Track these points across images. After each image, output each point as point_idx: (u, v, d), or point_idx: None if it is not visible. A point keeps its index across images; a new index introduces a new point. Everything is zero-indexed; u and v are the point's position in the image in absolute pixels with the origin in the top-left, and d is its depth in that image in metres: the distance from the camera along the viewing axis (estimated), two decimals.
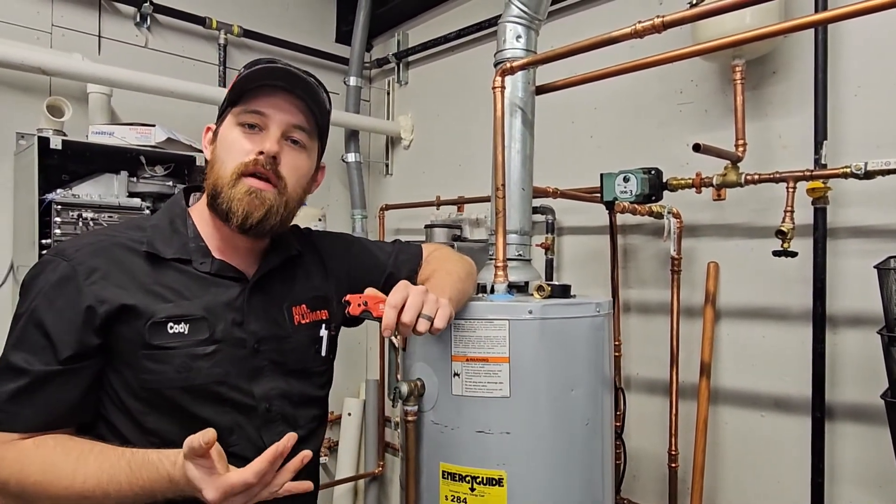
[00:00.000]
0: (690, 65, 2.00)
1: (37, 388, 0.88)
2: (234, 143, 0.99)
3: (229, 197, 0.97)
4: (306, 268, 1.15)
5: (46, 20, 2.41)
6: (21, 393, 0.87)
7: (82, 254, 0.94)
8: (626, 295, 2.20)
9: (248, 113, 0.99)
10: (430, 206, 2.81)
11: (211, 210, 1.01)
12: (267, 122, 1.00)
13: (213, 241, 1.03)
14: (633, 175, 1.65)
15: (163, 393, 0.94)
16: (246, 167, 0.98)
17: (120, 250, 0.96)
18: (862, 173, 1.48)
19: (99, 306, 0.90)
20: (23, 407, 0.87)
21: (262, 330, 1.02)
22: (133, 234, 1.00)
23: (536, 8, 1.53)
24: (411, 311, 0.94)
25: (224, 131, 1.02)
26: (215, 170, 1.00)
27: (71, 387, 0.91)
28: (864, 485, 1.68)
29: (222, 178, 0.98)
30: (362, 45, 3.08)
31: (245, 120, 1.00)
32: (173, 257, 0.98)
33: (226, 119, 1.03)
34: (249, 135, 0.99)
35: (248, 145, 0.99)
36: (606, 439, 1.35)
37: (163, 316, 0.93)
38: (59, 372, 0.89)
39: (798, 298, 1.79)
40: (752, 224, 1.90)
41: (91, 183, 2.19)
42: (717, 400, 1.97)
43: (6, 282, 2.29)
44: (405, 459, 1.30)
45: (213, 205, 1.00)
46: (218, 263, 1.01)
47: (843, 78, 1.72)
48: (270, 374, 1.03)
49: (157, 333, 0.93)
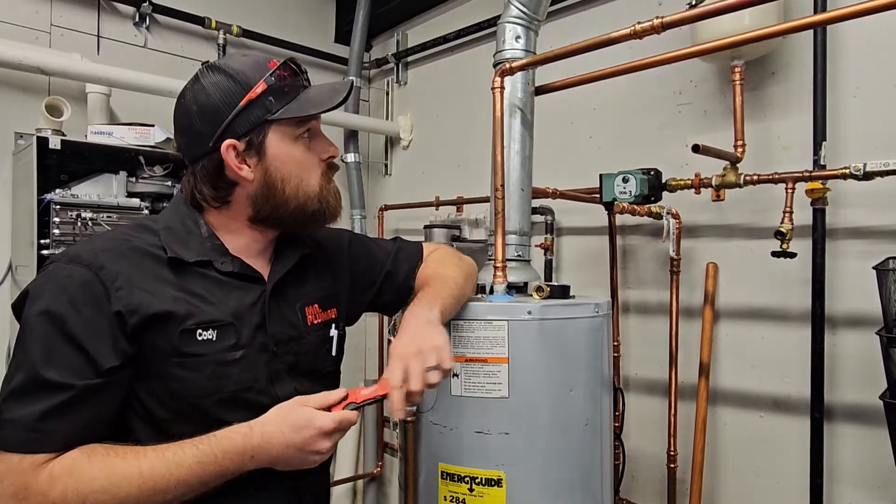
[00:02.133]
0: (689, 66, 2.00)
1: (75, 403, 0.83)
2: (308, 159, 1.01)
3: (326, 205, 1.02)
4: (316, 266, 1.14)
5: (45, 20, 2.40)
6: (56, 410, 0.82)
7: (102, 259, 0.88)
8: (626, 295, 2.20)
9: (307, 125, 0.99)
10: (430, 207, 2.81)
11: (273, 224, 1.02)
12: (315, 126, 1.02)
13: (229, 241, 1.01)
14: (633, 176, 1.65)
15: (193, 400, 0.92)
16: (327, 174, 1.04)
17: (139, 255, 0.92)
18: (861, 174, 1.48)
19: (129, 315, 0.86)
20: (58, 424, 0.82)
21: (280, 332, 1.01)
22: (146, 237, 0.95)
23: (536, 8, 1.53)
24: (417, 379, 0.92)
25: (283, 149, 0.97)
26: (290, 190, 0.98)
27: (109, 399, 0.87)
28: (863, 485, 1.68)
29: (311, 194, 1.00)
30: (361, 45, 3.08)
31: (304, 132, 1.00)
32: (195, 260, 0.95)
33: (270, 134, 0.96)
34: (310, 144, 1.01)
35: (315, 156, 1.02)
36: (605, 440, 1.35)
37: (192, 323, 0.91)
38: (101, 385, 0.85)
39: (797, 299, 1.79)
40: (751, 225, 1.90)
41: (90, 183, 2.18)
42: (716, 400, 1.97)
43: (5, 281, 2.29)
44: (404, 460, 1.30)
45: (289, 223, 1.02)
46: (238, 262, 0.99)
47: (842, 79, 1.72)
48: (287, 376, 1.02)
49: (188, 341, 0.90)
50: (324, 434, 0.89)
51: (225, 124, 0.93)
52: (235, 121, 0.94)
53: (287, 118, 0.95)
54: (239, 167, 0.95)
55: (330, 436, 0.90)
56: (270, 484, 0.96)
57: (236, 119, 0.93)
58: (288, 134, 0.97)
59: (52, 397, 0.82)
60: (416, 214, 2.97)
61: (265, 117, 0.94)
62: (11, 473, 0.80)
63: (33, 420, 0.81)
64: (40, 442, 0.81)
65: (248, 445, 0.87)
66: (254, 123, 0.94)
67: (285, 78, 0.96)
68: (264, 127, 0.95)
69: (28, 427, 0.81)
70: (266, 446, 0.87)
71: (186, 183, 1.01)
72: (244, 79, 0.94)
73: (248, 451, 0.87)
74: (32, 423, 0.81)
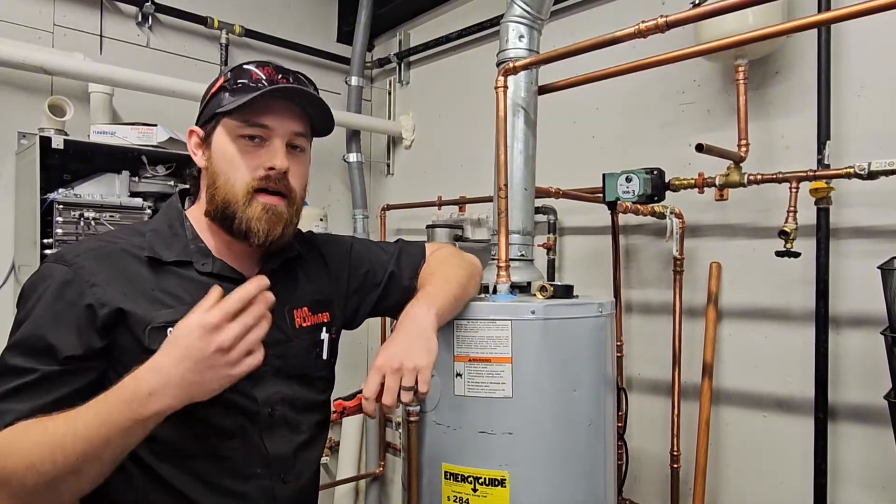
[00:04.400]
0: (693, 65, 1.99)
1: (34, 386, 0.86)
2: (238, 158, 0.97)
3: (247, 217, 0.96)
4: (308, 270, 1.14)
5: (48, 20, 2.41)
6: (15, 391, 0.85)
7: (83, 259, 0.93)
8: (628, 295, 2.19)
9: (251, 126, 0.97)
10: (432, 207, 2.81)
11: (217, 224, 1.00)
12: (270, 134, 0.98)
13: (212, 243, 1.03)
14: (636, 175, 1.65)
15: None
16: (258, 184, 0.97)
17: (121, 256, 0.95)
18: (865, 173, 1.47)
19: (99, 308, 0.89)
20: (14, 404, 0.84)
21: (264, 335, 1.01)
22: (133, 239, 0.99)
23: (539, 8, 1.53)
24: (389, 396, 0.95)
25: (222, 143, 0.98)
26: (220, 185, 0.98)
27: (67, 388, 0.88)
28: (867, 486, 1.67)
29: (232, 197, 0.97)
30: (364, 44, 3.08)
31: (247, 132, 0.97)
32: (174, 260, 0.98)
33: (218, 128, 0.99)
34: (252, 148, 0.97)
35: (253, 160, 0.97)
36: (609, 440, 1.35)
37: (162, 321, 0.91)
38: (61, 372, 0.87)
39: (801, 299, 1.79)
40: (754, 224, 1.90)
41: (92, 182, 2.18)
42: (720, 400, 1.96)
43: (7, 281, 2.29)
44: (407, 460, 1.30)
45: (222, 221, 0.99)
46: (219, 263, 1.01)
47: (845, 78, 1.72)
48: (272, 378, 1.02)
49: (157, 339, 0.90)
50: (211, 328, 0.77)
51: (198, 113, 1.04)
52: (203, 111, 1.03)
53: (233, 114, 0.96)
54: (194, 153, 1.03)
55: (220, 328, 0.77)
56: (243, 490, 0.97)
57: (204, 109, 1.03)
58: (231, 130, 0.98)
59: (14, 380, 0.86)
60: (418, 214, 2.97)
61: (215, 110, 0.99)
62: None
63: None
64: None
65: (139, 382, 0.78)
66: (209, 115, 1.01)
67: (241, 76, 0.99)
68: (215, 119, 0.99)
69: None
70: (159, 375, 0.78)
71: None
72: (220, 75, 1.03)
73: (141, 386, 0.78)
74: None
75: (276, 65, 1.02)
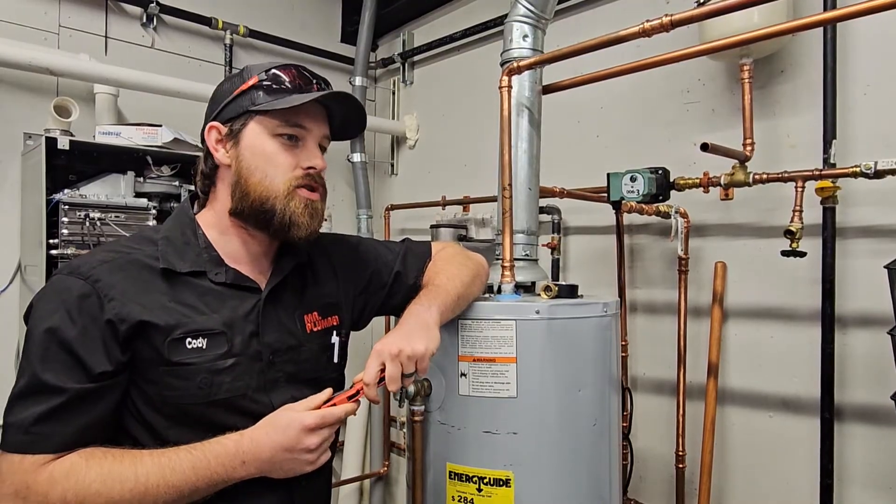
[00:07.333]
0: (697, 64, 1.99)
1: (70, 406, 0.86)
2: (278, 156, 1.00)
3: (290, 210, 0.99)
4: (316, 273, 1.14)
5: (53, 21, 2.42)
6: (53, 413, 0.85)
7: (98, 272, 0.92)
8: (633, 295, 2.19)
9: (290, 126, 1.00)
10: (436, 206, 2.81)
11: (247, 221, 1.01)
12: (305, 135, 1.02)
13: (225, 249, 1.03)
14: (640, 175, 1.64)
15: (185, 407, 0.94)
16: (301, 181, 1.01)
17: (136, 267, 0.95)
18: (872, 173, 1.47)
19: (119, 323, 0.89)
20: (55, 426, 0.85)
21: (277, 342, 1.02)
22: (146, 248, 0.98)
23: (543, 7, 1.52)
24: (394, 384, 0.97)
25: (258, 140, 0.99)
26: (255, 182, 0.99)
27: (103, 403, 0.90)
28: (873, 486, 1.67)
29: (273, 192, 0.99)
30: (367, 44, 3.08)
31: (286, 132, 1.00)
32: (188, 271, 0.98)
33: (251, 124, 1.00)
34: (290, 147, 1.01)
35: (292, 159, 1.01)
36: (613, 440, 1.34)
37: (181, 332, 0.93)
38: (94, 389, 0.88)
39: (807, 298, 1.78)
40: (760, 224, 1.89)
41: (98, 183, 2.20)
42: (725, 400, 1.96)
43: (14, 281, 2.30)
44: (412, 460, 1.30)
45: (257, 217, 1.00)
46: (232, 273, 1.01)
47: (851, 77, 1.71)
48: (285, 384, 1.03)
49: (176, 350, 0.92)
50: (308, 430, 0.92)
51: (218, 110, 1.03)
52: (226, 108, 1.02)
53: (270, 113, 0.99)
54: (215, 149, 1.02)
55: (315, 431, 0.93)
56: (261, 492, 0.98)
57: (227, 106, 1.02)
58: (267, 129, 1.00)
59: (48, 400, 0.86)
60: (422, 214, 2.97)
61: (248, 108, 1.00)
62: (13, 473, 0.84)
63: (31, 422, 0.85)
64: (38, 443, 0.85)
65: (238, 450, 0.90)
66: (238, 112, 1.00)
67: (279, 77, 1.01)
68: (247, 117, 1.00)
69: (26, 429, 0.85)
70: (255, 449, 0.91)
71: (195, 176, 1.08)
72: (248, 74, 1.02)
73: (239, 455, 0.90)
74: (30, 426, 0.85)
75: (305, 67, 1.04)
